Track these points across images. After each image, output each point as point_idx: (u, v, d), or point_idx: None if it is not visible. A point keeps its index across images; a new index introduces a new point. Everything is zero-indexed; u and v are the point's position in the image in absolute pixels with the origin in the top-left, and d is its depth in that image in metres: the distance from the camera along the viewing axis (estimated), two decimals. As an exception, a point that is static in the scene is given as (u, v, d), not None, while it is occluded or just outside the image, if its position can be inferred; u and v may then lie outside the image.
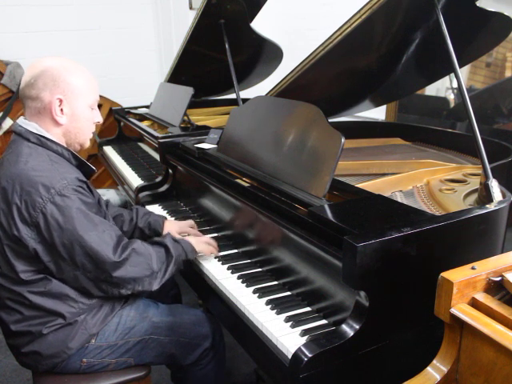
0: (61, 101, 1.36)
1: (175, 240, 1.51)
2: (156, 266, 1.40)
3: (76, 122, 1.42)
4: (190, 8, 3.66)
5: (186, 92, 2.50)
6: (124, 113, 3.17)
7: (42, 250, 1.30)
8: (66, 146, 1.43)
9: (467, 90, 1.47)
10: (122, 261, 1.33)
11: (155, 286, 1.41)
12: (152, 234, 1.73)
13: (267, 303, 1.31)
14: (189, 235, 1.69)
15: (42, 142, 1.36)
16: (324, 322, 1.23)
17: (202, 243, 1.57)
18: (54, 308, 1.36)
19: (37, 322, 1.37)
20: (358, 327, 1.06)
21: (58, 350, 1.38)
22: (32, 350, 1.39)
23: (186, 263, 1.53)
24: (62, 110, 1.37)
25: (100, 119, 1.50)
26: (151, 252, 1.41)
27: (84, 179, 1.39)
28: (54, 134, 1.40)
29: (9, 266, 1.34)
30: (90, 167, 1.49)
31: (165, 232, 1.70)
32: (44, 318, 1.37)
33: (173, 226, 1.73)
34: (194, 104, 2.79)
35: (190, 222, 1.77)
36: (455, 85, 2.50)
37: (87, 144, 1.49)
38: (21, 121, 1.40)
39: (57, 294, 1.36)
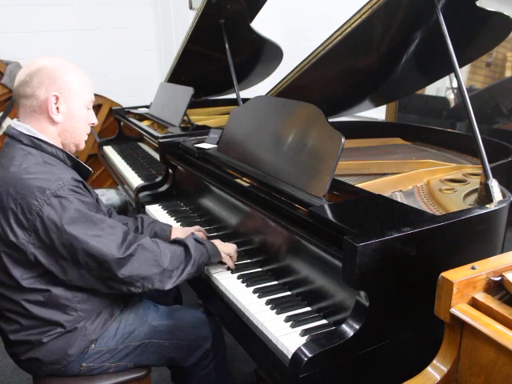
0: (57, 98, 1.33)
1: (198, 241, 1.46)
2: (168, 264, 1.34)
3: (72, 121, 1.38)
4: (190, 8, 3.67)
5: (186, 92, 2.50)
6: (124, 113, 3.18)
7: (42, 254, 1.26)
8: (61, 146, 1.39)
9: (467, 89, 1.47)
10: (127, 257, 1.28)
11: (168, 286, 1.36)
12: None
13: (267, 303, 1.31)
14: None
15: (36, 143, 1.33)
16: (324, 321, 1.23)
17: (228, 249, 1.52)
18: (53, 318, 1.33)
19: (36, 332, 1.34)
20: (358, 327, 1.06)
21: (58, 357, 1.37)
22: (32, 357, 1.37)
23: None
24: (57, 108, 1.34)
25: (95, 121, 1.46)
26: (164, 249, 1.36)
27: (80, 179, 1.34)
28: (50, 134, 1.36)
29: (6, 274, 1.29)
30: (86, 168, 1.45)
31: None
32: (43, 328, 1.34)
33: (179, 233, 1.68)
34: (194, 104, 2.79)
35: (197, 227, 1.74)
36: (455, 85, 2.50)
37: (82, 145, 1.46)
38: (14, 123, 1.36)
39: (55, 303, 1.32)
